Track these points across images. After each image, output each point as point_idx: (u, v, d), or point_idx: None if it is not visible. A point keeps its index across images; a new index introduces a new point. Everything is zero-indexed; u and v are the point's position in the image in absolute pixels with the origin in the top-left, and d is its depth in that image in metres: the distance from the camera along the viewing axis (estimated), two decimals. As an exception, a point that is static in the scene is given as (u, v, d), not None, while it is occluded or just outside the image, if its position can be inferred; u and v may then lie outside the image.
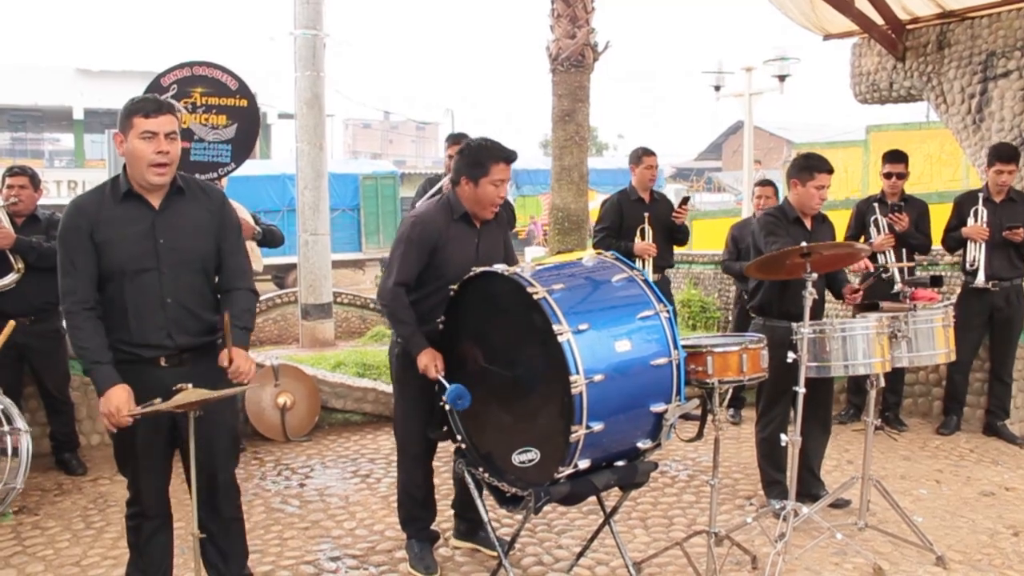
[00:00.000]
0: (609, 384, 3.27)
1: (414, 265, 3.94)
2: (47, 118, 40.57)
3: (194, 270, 3.42)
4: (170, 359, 3.38)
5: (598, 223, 6.82)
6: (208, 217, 3.48)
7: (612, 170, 29.79)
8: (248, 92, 6.14)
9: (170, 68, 5.99)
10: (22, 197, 5.49)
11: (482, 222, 4.06)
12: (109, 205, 3.36)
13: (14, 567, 4.29)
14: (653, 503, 5.06)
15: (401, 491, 4.27)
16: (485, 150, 3.94)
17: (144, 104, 3.30)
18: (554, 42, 10.86)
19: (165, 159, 3.29)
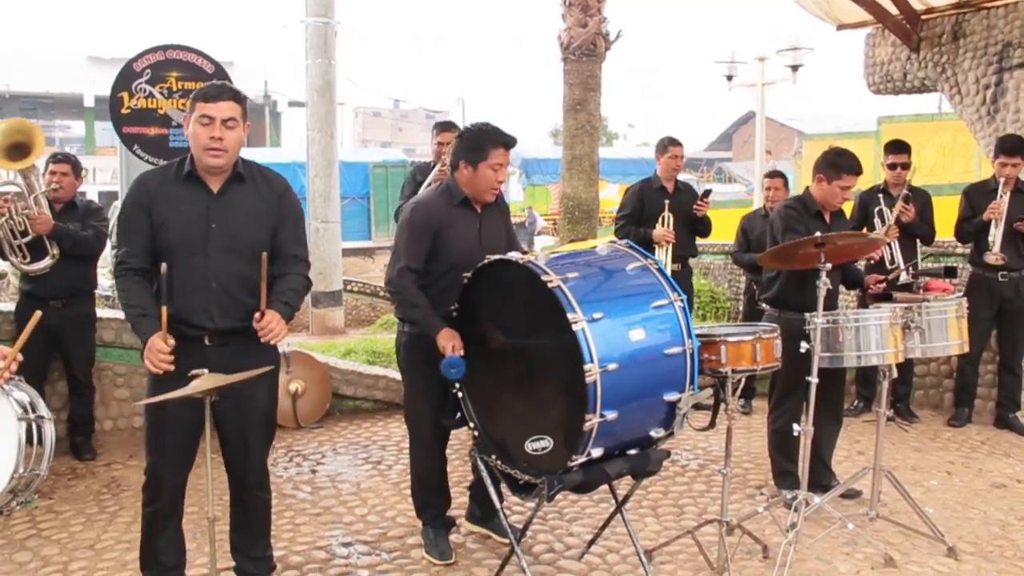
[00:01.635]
0: (623, 373, 3.27)
1: (420, 249, 3.94)
2: (58, 105, 40.70)
3: (243, 257, 3.43)
4: (213, 338, 3.42)
5: (619, 210, 6.85)
6: (265, 206, 3.50)
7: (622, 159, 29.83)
8: (224, 75, 6.08)
9: (143, 52, 5.95)
10: (63, 184, 5.55)
11: (483, 206, 4.07)
12: (170, 184, 3.43)
13: (29, 550, 4.33)
14: (664, 492, 5.07)
15: (414, 479, 4.30)
16: (484, 134, 3.95)
17: (207, 89, 3.36)
18: (565, 31, 10.82)
19: (218, 144, 3.33)
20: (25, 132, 5.39)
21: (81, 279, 5.65)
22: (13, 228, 5.33)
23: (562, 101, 11.02)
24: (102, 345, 6.04)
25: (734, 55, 14.32)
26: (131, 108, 5.90)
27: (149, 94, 5.89)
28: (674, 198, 6.67)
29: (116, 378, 6.17)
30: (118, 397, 6.20)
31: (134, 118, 5.90)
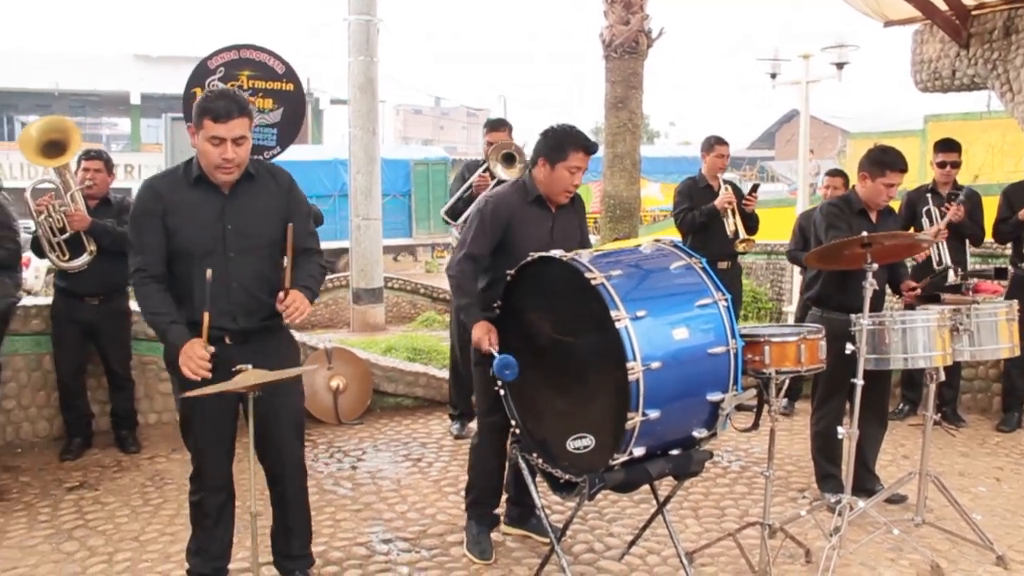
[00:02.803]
0: (666, 371, 3.24)
1: (486, 240, 3.95)
2: (105, 103, 41.30)
3: (261, 256, 3.47)
4: (234, 337, 3.44)
5: (675, 206, 6.87)
6: (276, 202, 3.52)
7: (663, 158, 29.67)
8: (295, 76, 6.15)
9: (217, 51, 6.01)
10: (96, 180, 5.61)
11: (557, 206, 4.06)
12: (182, 188, 3.42)
13: (76, 540, 4.40)
14: (705, 493, 5.03)
15: (473, 475, 4.29)
16: (567, 135, 3.93)
17: (216, 106, 3.28)
18: (607, 28, 10.75)
19: (230, 164, 3.33)
20: (62, 130, 5.44)
21: (116, 275, 5.69)
22: (52, 226, 5.40)
23: (604, 99, 10.96)
24: (147, 340, 6.12)
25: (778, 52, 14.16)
26: None
27: None
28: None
29: (160, 372, 6.23)
30: (162, 391, 6.27)
31: None
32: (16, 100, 41.48)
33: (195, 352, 3.25)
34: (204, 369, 3.24)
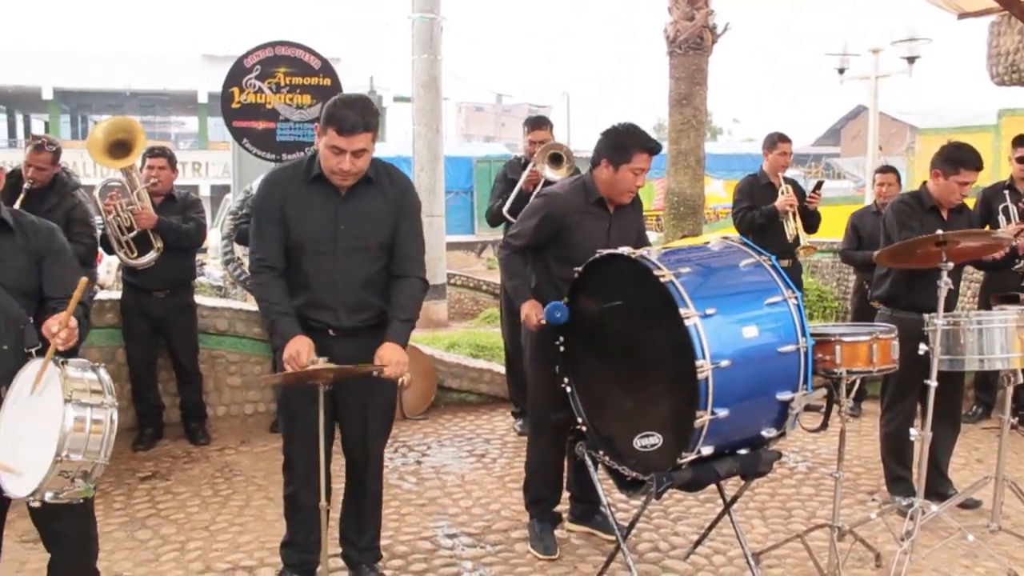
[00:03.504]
0: (735, 370, 3.21)
1: (538, 233, 3.98)
2: (174, 102, 42.16)
3: (370, 257, 3.50)
4: (337, 331, 3.50)
5: (735, 204, 6.75)
6: (389, 205, 3.54)
7: (727, 155, 29.33)
8: (331, 71, 6.19)
9: (253, 48, 6.08)
10: (161, 178, 5.73)
11: (616, 207, 4.04)
12: (300, 184, 3.48)
13: (149, 528, 4.51)
14: (771, 494, 4.96)
15: (531, 472, 4.29)
16: (631, 136, 3.91)
17: (343, 119, 3.28)
18: (672, 24, 10.69)
19: (346, 174, 3.37)
20: (127, 130, 5.56)
21: (182, 270, 5.83)
22: (120, 224, 5.52)
23: (667, 95, 10.89)
24: (216, 333, 6.24)
25: (846, 47, 13.91)
26: (241, 103, 6.06)
27: (258, 89, 6.04)
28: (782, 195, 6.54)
29: (229, 366, 6.35)
30: (231, 384, 6.39)
31: (244, 112, 6.06)
32: (90, 100, 42.62)
33: (301, 357, 3.27)
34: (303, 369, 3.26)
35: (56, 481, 2.74)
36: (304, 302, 3.48)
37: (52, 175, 5.36)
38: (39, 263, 3.12)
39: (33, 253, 3.11)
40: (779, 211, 6.41)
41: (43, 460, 2.72)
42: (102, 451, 2.82)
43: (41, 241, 3.14)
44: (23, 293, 3.07)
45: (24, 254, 3.09)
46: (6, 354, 2.99)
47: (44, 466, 2.71)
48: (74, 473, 2.78)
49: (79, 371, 2.87)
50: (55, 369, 2.83)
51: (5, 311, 3.00)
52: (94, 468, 2.82)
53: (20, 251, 3.09)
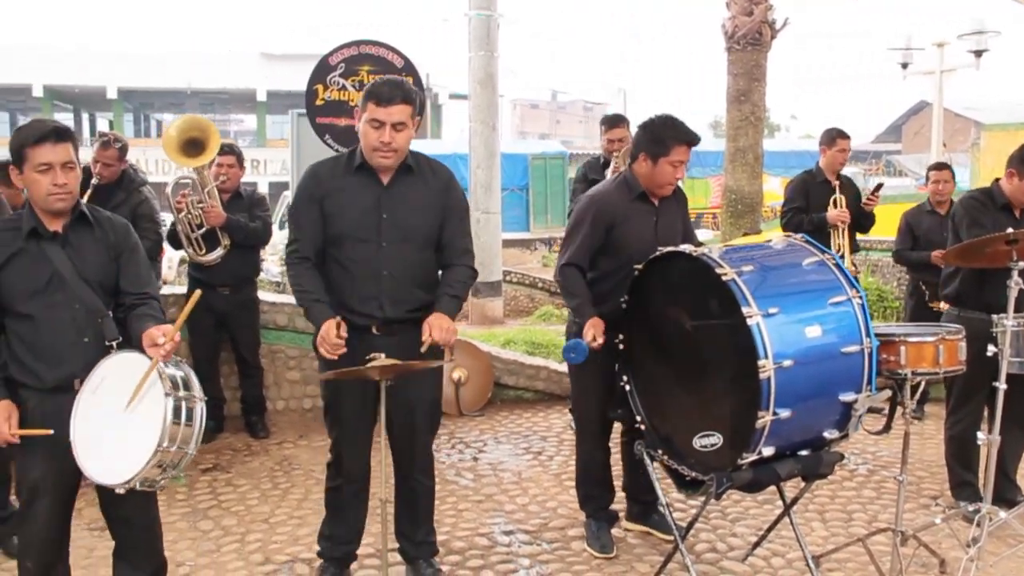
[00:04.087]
0: (798, 370, 3.17)
1: (588, 244, 3.95)
2: (233, 100, 42.83)
3: (414, 247, 3.54)
4: (381, 328, 3.51)
5: (785, 203, 6.63)
6: (432, 197, 3.57)
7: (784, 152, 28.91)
8: (414, 70, 6.22)
9: (338, 47, 6.14)
10: (229, 176, 5.83)
11: (660, 199, 4.02)
12: (342, 175, 3.53)
13: (211, 519, 4.59)
14: (831, 496, 4.89)
15: (580, 470, 4.30)
16: (668, 129, 3.88)
17: (380, 90, 3.36)
18: (730, 19, 10.59)
19: (387, 149, 3.40)
20: (201, 129, 5.66)
21: (247, 267, 5.92)
22: (190, 221, 5.63)
23: (725, 92, 10.79)
24: (275, 328, 6.33)
25: (910, 41, 13.57)
26: (325, 100, 6.12)
27: (342, 87, 6.10)
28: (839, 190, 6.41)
29: (288, 360, 6.44)
30: (290, 379, 6.47)
31: (327, 109, 6.12)
32: (152, 99, 43.50)
33: (330, 335, 3.33)
34: (339, 348, 3.32)
35: (151, 471, 2.85)
36: (347, 294, 3.50)
37: (120, 171, 5.48)
38: (117, 258, 3.19)
39: (111, 248, 3.18)
40: (829, 223, 6.28)
41: (142, 450, 2.81)
42: (192, 443, 2.93)
43: (119, 237, 3.21)
44: (102, 287, 3.14)
45: (104, 249, 3.17)
46: (87, 346, 3.07)
47: (143, 456, 2.81)
48: (167, 464, 2.89)
49: (172, 367, 2.96)
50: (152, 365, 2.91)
51: (86, 304, 3.08)
52: (183, 459, 2.93)
53: (100, 246, 3.16)
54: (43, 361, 3.04)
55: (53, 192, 3.01)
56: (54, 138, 3.01)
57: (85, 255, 3.12)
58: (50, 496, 3.07)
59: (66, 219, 3.11)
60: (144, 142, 35.53)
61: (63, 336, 3.05)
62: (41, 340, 3.04)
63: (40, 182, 3.01)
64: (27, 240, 3.06)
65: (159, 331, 2.94)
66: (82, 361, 3.03)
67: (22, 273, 3.04)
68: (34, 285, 3.04)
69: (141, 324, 3.03)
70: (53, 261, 3.05)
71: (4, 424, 2.99)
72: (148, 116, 48.34)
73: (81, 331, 3.07)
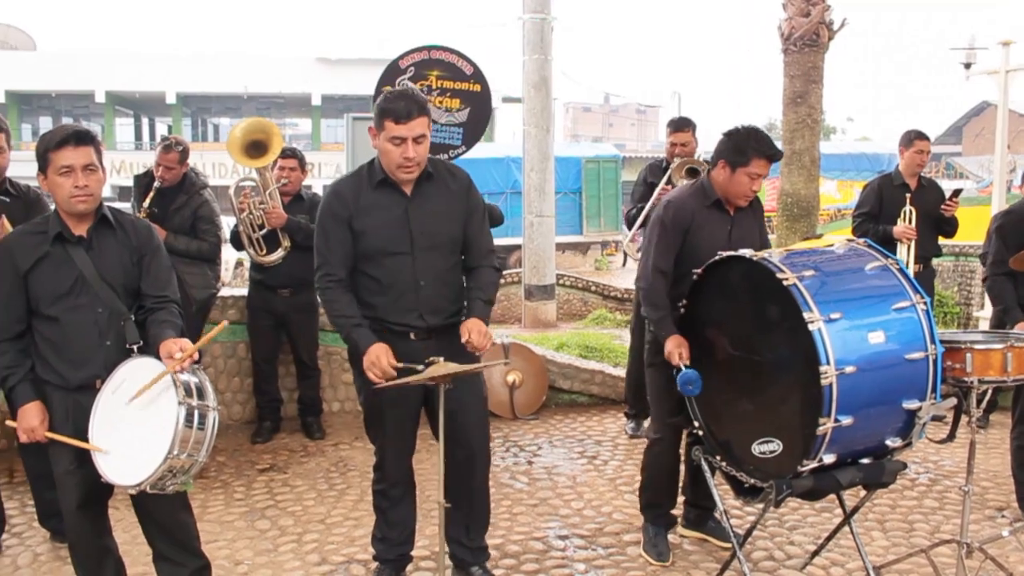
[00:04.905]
0: (861, 377, 3.11)
1: (669, 248, 3.92)
2: (288, 104, 43.39)
3: (444, 253, 3.56)
4: (419, 334, 3.53)
5: (857, 207, 6.54)
6: (455, 201, 3.59)
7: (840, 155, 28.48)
8: (482, 77, 6.23)
9: (408, 51, 6.16)
10: (291, 178, 5.91)
11: (736, 208, 3.98)
12: (366, 191, 3.53)
13: (268, 519, 4.64)
14: (891, 506, 4.80)
15: (647, 475, 4.25)
16: (752, 140, 3.84)
17: (396, 107, 3.36)
18: (786, 21, 10.48)
19: (410, 164, 3.41)
20: (264, 131, 5.74)
21: (307, 269, 5.90)
22: (252, 222, 5.71)
23: (782, 94, 10.69)
24: (332, 331, 6.37)
25: (973, 40, 13.28)
26: None
27: None
28: (917, 195, 6.29)
29: (344, 362, 6.47)
30: (345, 381, 6.52)
31: None
32: (209, 103, 44.23)
33: (382, 363, 3.33)
34: (387, 377, 3.32)
35: (162, 476, 2.92)
36: (384, 306, 3.51)
37: (181, 174, 5.57)
38: (139, 261, 3.25)
39: (134, 251, 3.25)
40: (895, 237, 6.16)
41: (154, 455, 2.88)
42: (203, 450, 2.99)
43: (141, 239, 3.28)
44: (125, 290, 3.21)
45: (126, 251, 3.24)
46: (108, 348, 3.15)
47: (154, 461, 2.88)
48: (178, 469, 2.95)
49: (188, 375, 3.02)
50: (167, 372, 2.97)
51: (109, 307, 3.15)
52: (193, 465, 2.99)
53: (123, 248, 3.23)
54: (67, 362, 3.13)
55: (75, 195, 3.09)
56: (74, 141, 3.08)
57: (108, 258, 3.19)
58: (77, 491, 3.16)
59: (90, 223, 3.19)
60: (201, 146, 36.13)
61: (86, 338, 3.13)
62: (65, 341, 3.13)
63: (62, 185, 3.09)
64: (53, 244, 3.15)
65: (176, 346, 3.01)
66: (104, 363, 3.12)
67: (48, 276, 3.13)
68: (59, 288, 3.12)
69: (161, 331, 3.11)
70: (78, 264, 3.14)
71: (39, 426, 3.11)
72: (205, 120, 49.14)
73: (104, 333, 3.14)
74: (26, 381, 3.15)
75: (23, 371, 3.15)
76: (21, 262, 3.13)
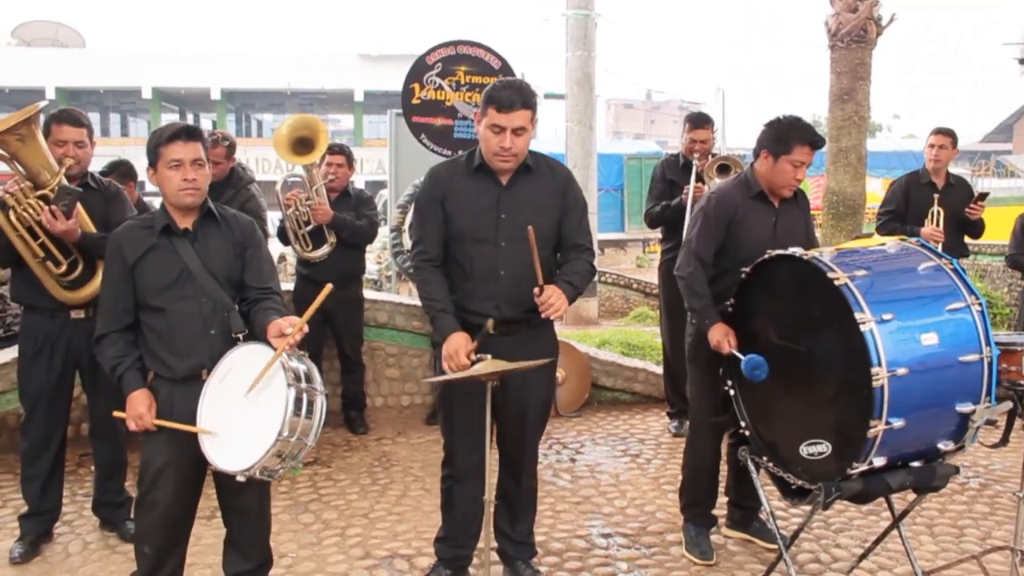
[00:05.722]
0: (913, 379, 3.06)
1: (711, 239, 3.90)
2: (331, 100, 43.59)
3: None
4: (497, 327, 3.52)
5: (882, 205, 6.42)
6: (551, 196, 3.57)
7: (886, 152, 28.15)
8: (511, 72, 6.22)
9: (435, 46, 6.18)
10: (338, 175, 5.95)
11: (780, 200, 3.94)
12: (461, 176, 3.56)
13: (312, 512, 4.67)
14: (940, 510, 4.72)
15: (687, 474, 4.24)
16: (792, 128, 3.82)
17: (500, 96, 3.36)
18: (833, 16, 10.37)
19: (507, 153, 3.41)
20: (310, 127, 5.78)
21: (353, 264, 6.00)
22: (299, 218, 5.75)
23: (828, 91, 10.57)
24: (376, 326, 6.41)
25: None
26: (421, 99, 6.16)
27: (438, 86, 6.13)
28: (945, 194, 6.14)
29: (388, 358, 6.52)
30: (389, 376, 6.55)
31: (423, 108, 6.15)
32: (253, 100, 44.60)
33: (459, 356, 3.34)
34: (461, 369, 3.32)
35: (271, 460, 2.92)
36: (464, 294, 3.53)
37: (228, 169, 5.62)
38: (242, 254, 3.32)
39: (238, 244, 3.31)
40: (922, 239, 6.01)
41: (263, 439, 2.89)
42: (312, 434, 3.00)
43: (245, 233, 3.35)
44: (228, 281, 3.27)
45: (230, 244, 3.30)
46: (213, 338, 3.19)
47: (264, 446, 2.88)
48: (287, 454, 2.97)
49: (295, 361, 3.05)
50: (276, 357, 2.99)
51: (213, 298, 3.20)
52: (302, 450, 3.00)
53: (226, 242, 3.30)
54: (173, 352, 3.18)
55: (183, 187, 3.16)
56: (185, 136, 3.17)
57: (212, 251, 3.25)
58: (172, 484, 3.18)
59: (195, 216, 3.26)
60: (245, 141, 36.45)
61: (191, 328, 3.18)
62: (171, 332, 3.18)
63: (171, 178, 3.16)
64: (160, 236, 3.21)
65: (287, 321, 3.05)
66: (209, 353, 3.16)
67: (155, 268, 3.19)
68: (166, 279, 3.18)
69: (266, 316, 3.15)
70: (183, 256, 3.20)
71: (146, 413, 3.13)
72: (249, 116, 49.58)
73: (208, 324, 3.19)
74: (134, 369, 3.20)
75: (131, 360, 3.21)
76: (129, 255, 3.20)
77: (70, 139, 4.10)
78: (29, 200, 3.87)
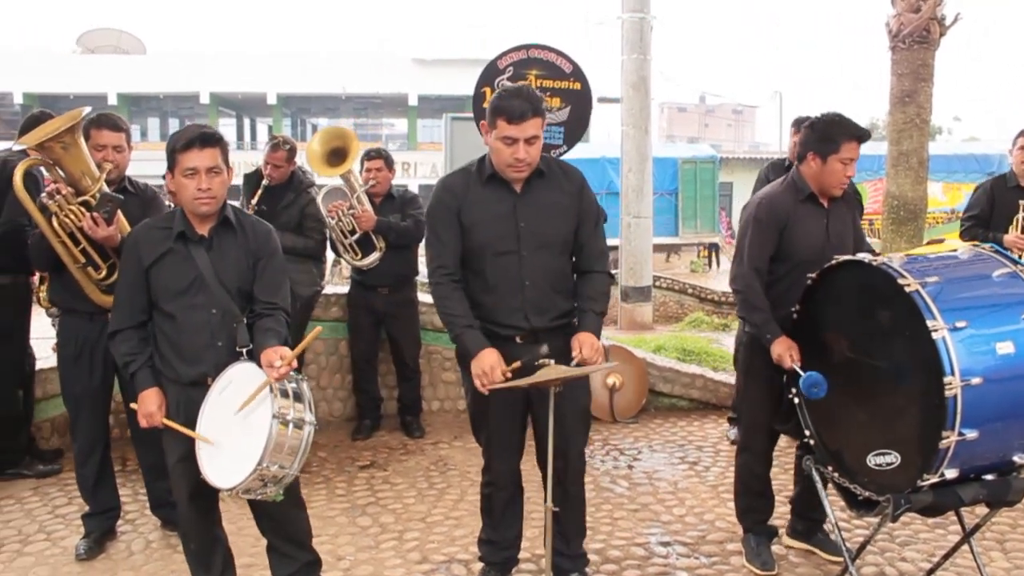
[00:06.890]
0: (987, 388, 2.97)
1: (765, 247, 3.82)
2: (385, 105, 44.00)
3: (553, 253, 3.49)
4: (526, 337, 3.48)
5: (966, 211, 6.25)
6: (567, 200, 3.52)
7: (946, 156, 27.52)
8: (582, 76, 6.19)
9: (507, 50, 6.16)
10: (379, 179, 5.96)
11: (830, 201, 3.87)
12: (475, 186, 3.48)
13: (369, 515, 4.68)
14: (1012, 525, 4.57)
15: (740, 482, 4.17)
16: (837, 125, 3.75)
17: (510, 106, 3.29)
18: (895, 17, 10.15)
19: (521, 164, 3.37)
20: (340, 137, 5.85)
21: (404, 266, 6.01)
22: (343, 228, 5.77)
23: (888, 93, 10.35)
24: (432, 330, 6.41)
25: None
26: None
27: None
28: None
29: (444, 362, 6.52)
30: (445, 380, 6.55)
31: None
32: (308, 104, 45.17)
33: (495, 373, 3.26)
34: (495, 384, 3.26)
35: (253, 483, 2.98)
36: (490, 307, 3.46)
37: (289, 173, 5.67)
38: (255, 264, 3.30)
39: (251, 253, 3.30)
40: (1005, 246, 5.82)
41: (246, 463, 2.95)
42: (295, 464, 3.04)
43: (260, 242, 3.33)
44: (240, 292, 3.28)
45: (244, 253, 3.29)
46: (219, 349, 3.21)
47: (246, 469, 2.94)
48: (268, 479, 3.01)
49: (291, 384, 3.07)
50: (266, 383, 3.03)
51: (223, 308, 3.22)
52: (285, 477, 3.04)
53: (241, 250, 3.29)
54: (181, 358, 3.21)
55: (198, 196, 3.16)
56: (199, 144, 3.14)
57: (226, 260, 3.25)
58: (188, 482, 3.23)
59: (212, 223, 3.26)
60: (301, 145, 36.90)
61: (199, 337, 3.21)
62: (180, 338, 3.21)
63: (187, 186, 3.16)
64: (176, 241, 3.22)
65: (276, 354, 3.04)
66: (214, 362, 3.19)
67: (169, 272, 3.21)
68: (178, 285, 3.20)
69: (264, 339, 3.15)
70: (198, 264, 3.21)
71: (156, 412, 3.20)
72: (304, 120, 50.21)
73: (216, 335, 3.21)
74: (146, 368, 3.25)
75: (143, 358, 3.26)
76: (145, 255, 3.23)
77: (109, 144, 4.14)
78: (71, 206, 3.86)
